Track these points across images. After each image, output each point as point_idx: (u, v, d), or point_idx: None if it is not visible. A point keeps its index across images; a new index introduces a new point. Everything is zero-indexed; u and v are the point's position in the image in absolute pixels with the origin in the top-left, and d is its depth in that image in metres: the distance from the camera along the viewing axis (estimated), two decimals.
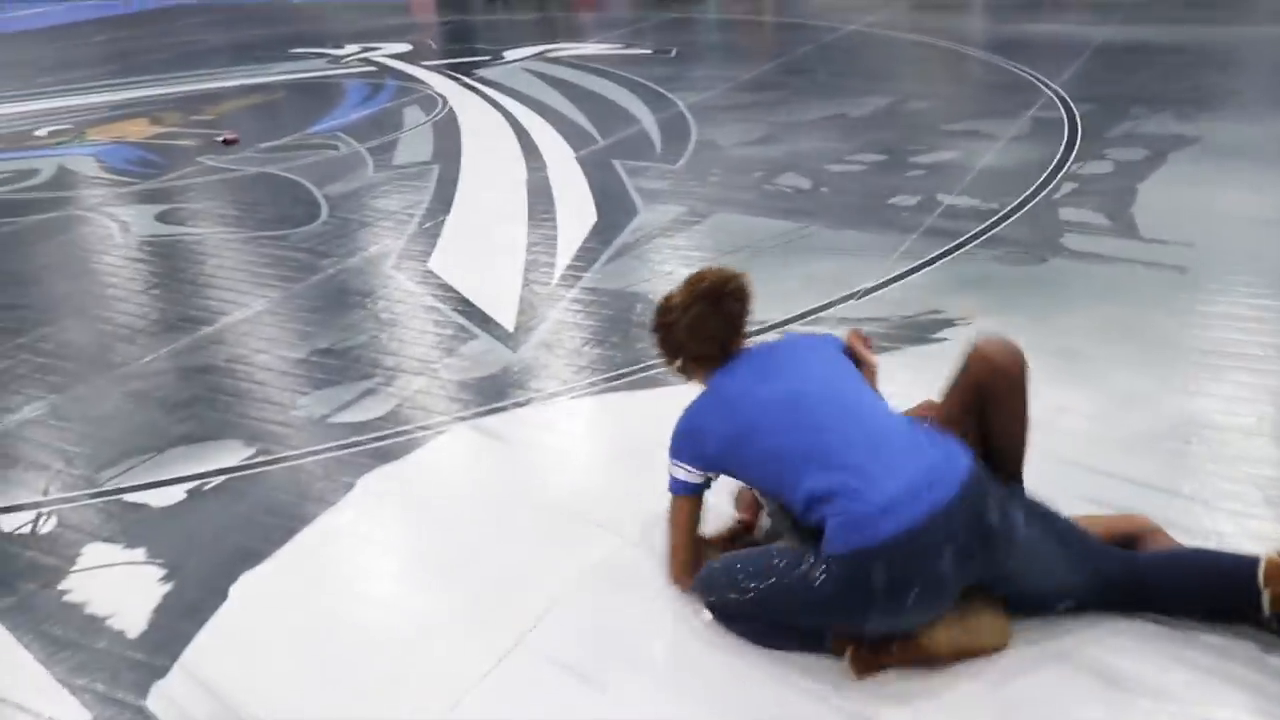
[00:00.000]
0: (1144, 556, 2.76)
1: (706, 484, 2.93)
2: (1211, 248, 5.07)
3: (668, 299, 3.05)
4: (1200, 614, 2.71)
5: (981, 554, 2.59)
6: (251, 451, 3.93)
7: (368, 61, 11.67)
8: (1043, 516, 2.74)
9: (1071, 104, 7.75)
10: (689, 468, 2.90)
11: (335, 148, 8.12)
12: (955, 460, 2.65)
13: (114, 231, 6.53)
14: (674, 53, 11.18)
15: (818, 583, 2.60)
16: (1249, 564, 2.65)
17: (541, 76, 10.19)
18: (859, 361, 3.04)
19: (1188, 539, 3.07)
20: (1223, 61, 9.08)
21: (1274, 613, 2.61)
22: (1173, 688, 2.56)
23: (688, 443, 2.91)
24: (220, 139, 8.39)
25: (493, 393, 4.25)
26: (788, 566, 2.67)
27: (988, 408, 2.84)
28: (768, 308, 4.74)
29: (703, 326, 2.97)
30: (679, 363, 3.07)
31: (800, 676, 2.68)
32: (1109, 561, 2.74)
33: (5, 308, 5.45)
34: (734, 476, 2.95)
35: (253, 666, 2.87)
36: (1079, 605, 2.74)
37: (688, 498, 2.95)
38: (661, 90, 9.24)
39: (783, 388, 2.84)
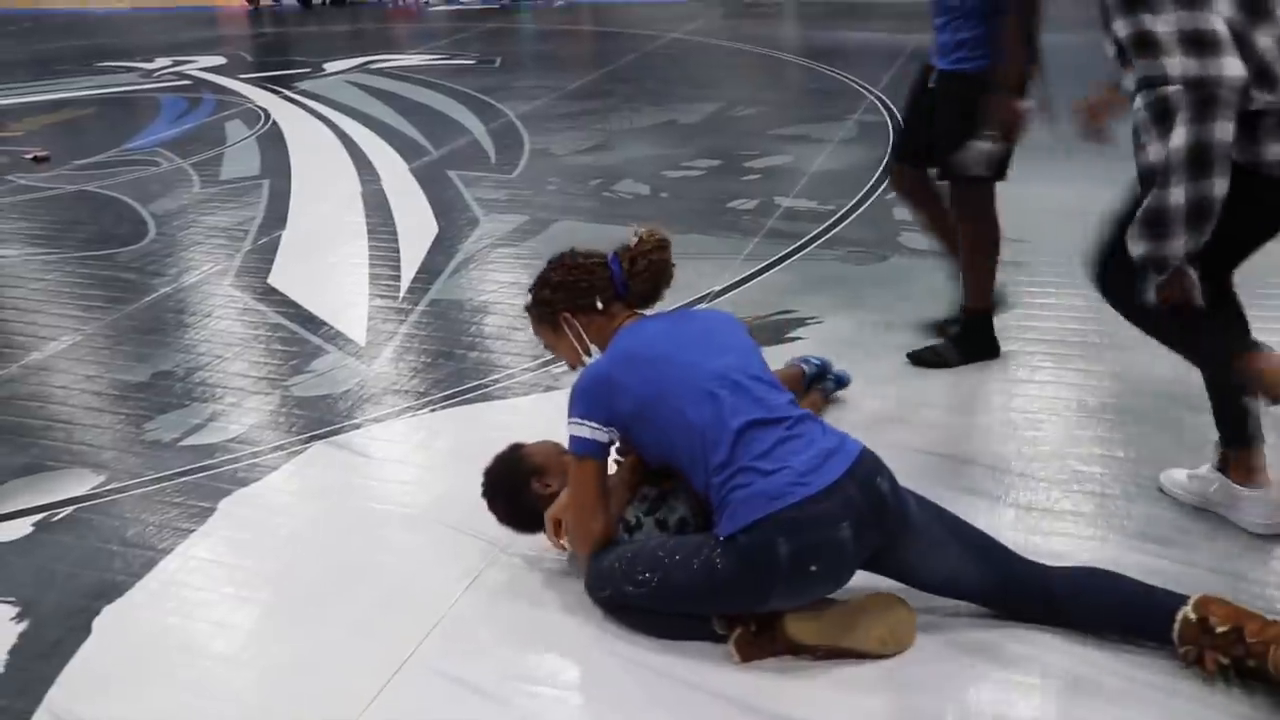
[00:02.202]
0: (1057, 570, 2.78)
1: (611, 442, 2.86)
2: (1041, 242, 5.30)
3: (640, 240, 3.07)
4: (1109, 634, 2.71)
5: (876, 523, 2.66)
6: (100, 480, 3.76)
7: (181, 75, 11.31)
8: (934, 506, 2.82)
9: (893, 108, 7.99)
10: (595, 424, 2.81)
11: (157, 164, 7.83)
12: (847, 441, 2.76)
13: None
14: (498, 63, 11.14)
15: (720, 564, 2.63)
16: (1169, 608, 2.60)
17: (365, 89, 10.03)
18: None
19: (1048, 519, 3.20)
20: None
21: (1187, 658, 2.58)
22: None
23: (598, 396, 2.82)
24: (30, 156, 8.01)
25: (350, 409, 4.15)
26: (686, 555, 2.70)
27: None
28: None
29: (662, 272, 3.05)
30: (597, 301, 3.02)
31: (698, 674, 2.69)
32: (1017, 565, 2.77)
33: None
34: (632, 440, 2.90)
35: (126, 703, 2.73)
36: (985, 601, 2.79)
37: (595, 459, 2.85)
38: (489, 100, 9.20)
39: (699, 357, 2.84)
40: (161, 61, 12.13)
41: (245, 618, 3.04)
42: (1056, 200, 5.88)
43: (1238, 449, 3.13)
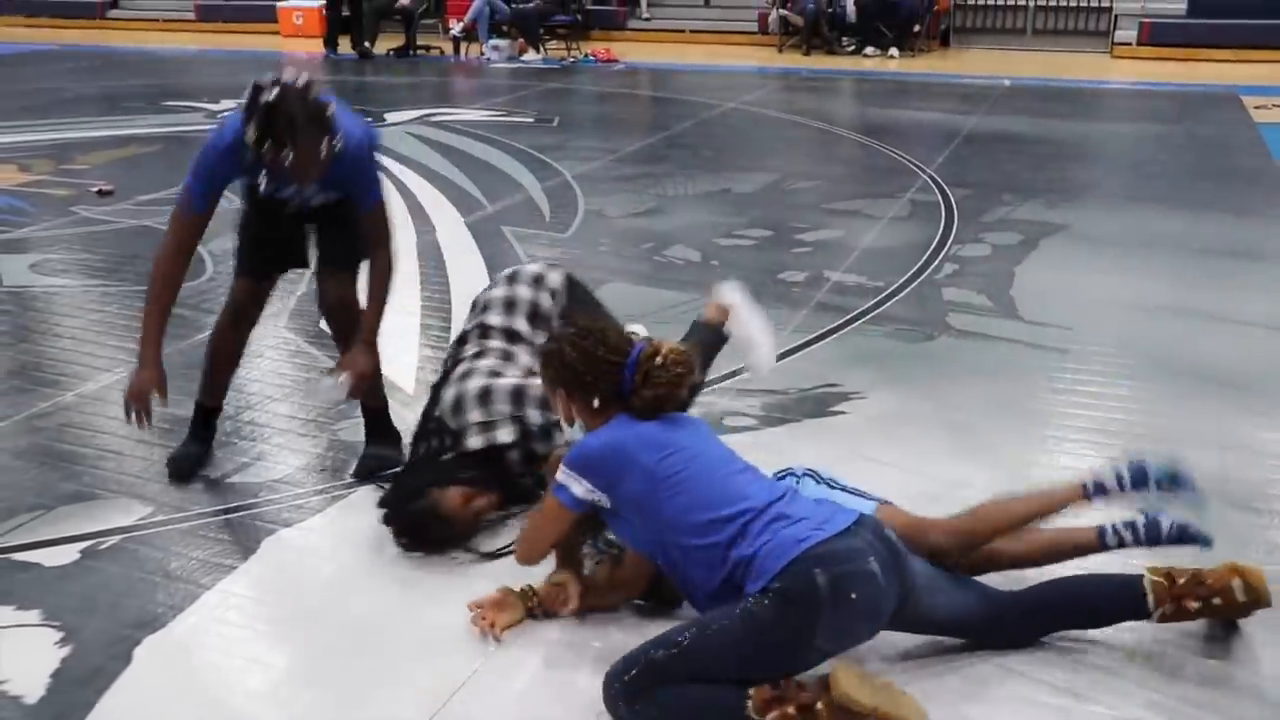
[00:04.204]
0: (1027, 591, 3.05)
1: (597, 507, 2.93)
2: (1089, 331, 5.30)
3: (664, 364, 2.98)
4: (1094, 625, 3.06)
5: (895, 568, 2.76)
6: (147, 511, 3.82)
7: None
8: (918, 559, 2.93)
9: (946, 189, 8.04)
10: (591, 487, 2.89)
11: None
12: (847, 505, 2.96)
13: None
14: (556, 122, 11.29)
15: (759, 609, 2.64)
16: (1132, 582, 2.98)
17: (425, 140, 10.19)
18: None
19: None
20: (1083, 155, 9.55)
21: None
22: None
23: (608, 465, 2.89)
24: (95, 189, 8.18)
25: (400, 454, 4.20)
26: (721, 610, 2.71)
27: None
28: None
29: (669, 402, 3.00)
30: (596, 401, 3.00)
31: None
32: (1000, 594, 3.02)
33: None
34: (626, 520, 2.93)
35: None
36: (985, 632, 2.99)
37: (572, 513, 2.96)
38: (546, 159, 9.32)
39: (699, 447, 2.96)
40: (226, 103, 12.35)
41: (282, 657, 3.08)
42: (1106, 291, 5.90)
43: None
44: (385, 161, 9.07)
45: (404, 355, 5.14)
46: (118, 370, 4.98)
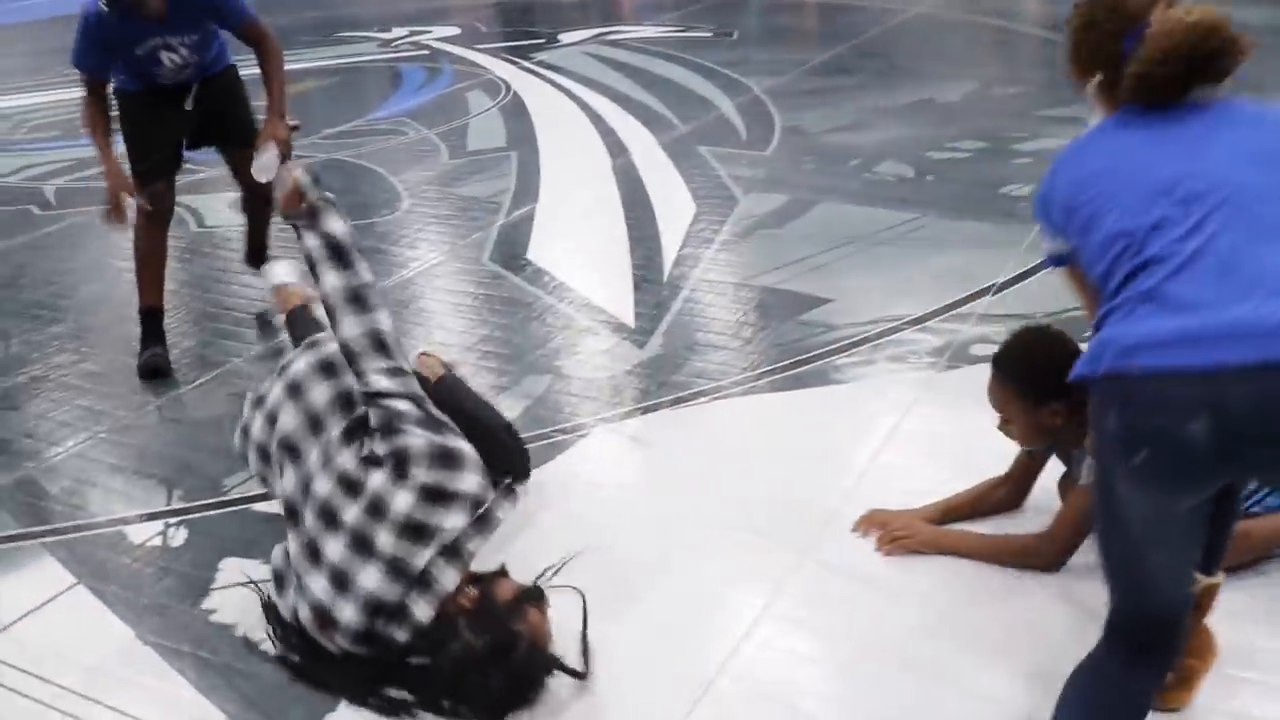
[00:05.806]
0: None
1: (1072, 251, 2.23)
2: None
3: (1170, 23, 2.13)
4: None
5: (1268, 439, 1.87)
6: None
7: (419, 45, 11.41)
8: None
9: None
10: (1049, 235, 2.29)
11: (404, 133, 7.87)
12: None
13: (188, 221, 6.29)
14: (735, 35, 10.90)
15: (1100, 438, 2.03)
16: None
17: (604, 60, 9.91)
18: None
19: None
20: None
21: None
22: None
23: (1041, 204, 2.29)
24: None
25: (627, 393, 4.00)
26: None
27: None
28: (895, 303, 4.51)
29: (1170, 78, 2.13)
30: (1098, 79, 2.28)
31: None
32: None
33: (89, 304, 5.25)
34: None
35: None
36: None
37: (1066, 269, 2.31)
38: (732, 74, 8.96)
39: (1171, 157, 2.10)
40: (398, 31, 12.27)
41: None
42: None
43: None
44: (566, 84, 8.91)
45: (618, 286, 4.91)
46: None
